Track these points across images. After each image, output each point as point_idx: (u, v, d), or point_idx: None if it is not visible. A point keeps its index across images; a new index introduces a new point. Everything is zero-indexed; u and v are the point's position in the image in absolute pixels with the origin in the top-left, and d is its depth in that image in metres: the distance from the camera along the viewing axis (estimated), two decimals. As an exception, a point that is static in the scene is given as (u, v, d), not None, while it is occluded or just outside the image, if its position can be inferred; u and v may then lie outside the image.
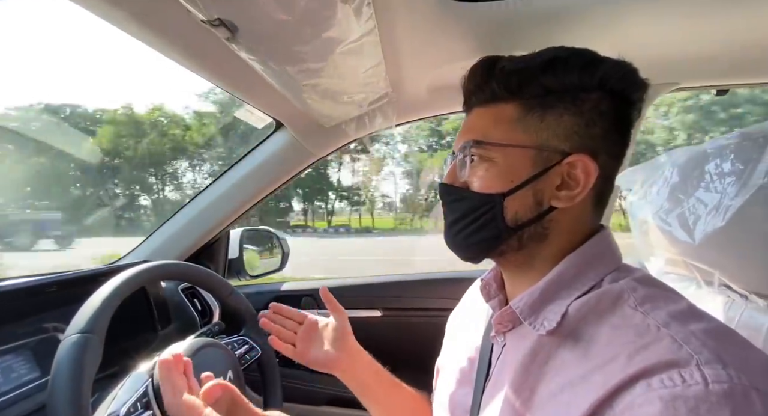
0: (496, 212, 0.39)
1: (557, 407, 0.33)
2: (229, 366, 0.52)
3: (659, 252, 0.58)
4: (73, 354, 0.38)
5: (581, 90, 0.38)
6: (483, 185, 0.40)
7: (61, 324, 0.67)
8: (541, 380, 0.35)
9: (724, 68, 0.75)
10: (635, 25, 0.60)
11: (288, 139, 0.89)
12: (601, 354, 0.32)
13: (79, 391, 0.37)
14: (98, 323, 0.42)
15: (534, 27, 0.60)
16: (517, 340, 0.41)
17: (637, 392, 0.28)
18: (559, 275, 0.39)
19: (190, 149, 20.43)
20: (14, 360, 0.60)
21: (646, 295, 0.35)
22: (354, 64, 0.57)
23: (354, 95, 0.70)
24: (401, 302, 1.04)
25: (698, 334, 0.30)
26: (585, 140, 0.39)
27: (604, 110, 0.39)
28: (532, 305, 0.39)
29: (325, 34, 0.44)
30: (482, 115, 0.42)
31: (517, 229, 0.39)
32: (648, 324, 0.32)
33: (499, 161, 0.39)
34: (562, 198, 0.39)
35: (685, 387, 0.27)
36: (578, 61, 0.39)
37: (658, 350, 0.30)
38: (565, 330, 0.36)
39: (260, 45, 0.45)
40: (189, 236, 0.95)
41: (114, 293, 0.45)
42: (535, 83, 0.39)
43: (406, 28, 0.57)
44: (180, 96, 41.40)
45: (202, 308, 0.92)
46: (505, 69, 0.40)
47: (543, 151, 0.39)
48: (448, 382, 0.52)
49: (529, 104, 0.39)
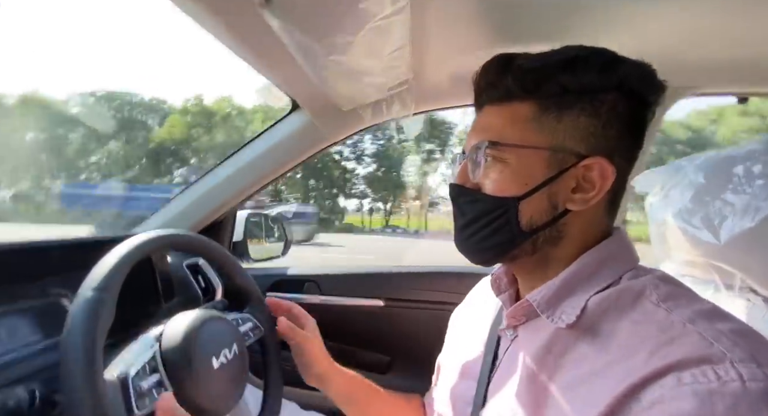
0: (511, 217, 0.38)
1: (575, 399, 0.32)
2: (235, 340, 0.52)
3: (676, 254, 0.57)
4: (87, 310, 0.38)
5: (599, 91, 0.38)
6: (497, 188, 0.39)
7: (64, 289, 0.66)
8: (557, 372, 0.35)
9: (746, 75, 0.74)
10: (658, 24, 0.59)
11: (303, 121, 0.88)
12: (622, 348, 0.32)
13: (92, 346, 0.36)
14: (112, 282, 0.41)
15: (564, 22, 0.59)
16: (531, 333, 0.40)
17: (668, 386, 0.28)
18: (577, 270, 0.38)
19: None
20: (18, 321, 0.59)
21: (669, 293, 0.34)
22: (381, 43, 0.56)
23: (375, 78, 0.69)
24: (404, 294, 1.04)
25: (727, 333, 0.29)
26: (601, 142, 0.38)
27: (621, 112, 0.38)
28: (550, 299, 0.38)
29: (360, 5, 0.43)
30: (496, 113, 0.41)
31: (531, 233, 0.39)
32: (672, 321, 0.31)
33: (513, 163, 0.39)
34: (577, 201, 0.38)
35: (721, 384, 0.26)
36: (598, 61, 0.38)
37: (686, 345, 0.29)
38: (584, 324, 0.35)
39: (293, 13, 0.44)
40: (198, 211, 0.95)
41: (128, 255, 0.44)
42: (552, 82, 0.38)
43: (437, 9, 0.56)
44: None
45: (206, 285, 0.91)
46: (523, 67, 0.39)
47: (558, 153, 0.38)
48: (450, 376, 0.52)
49: (545, 103, 0.38)
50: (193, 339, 0.45)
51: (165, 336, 0.45)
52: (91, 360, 0.36)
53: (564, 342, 0.36)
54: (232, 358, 0.49)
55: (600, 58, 0.38)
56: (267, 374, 0.63)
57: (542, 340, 0.37)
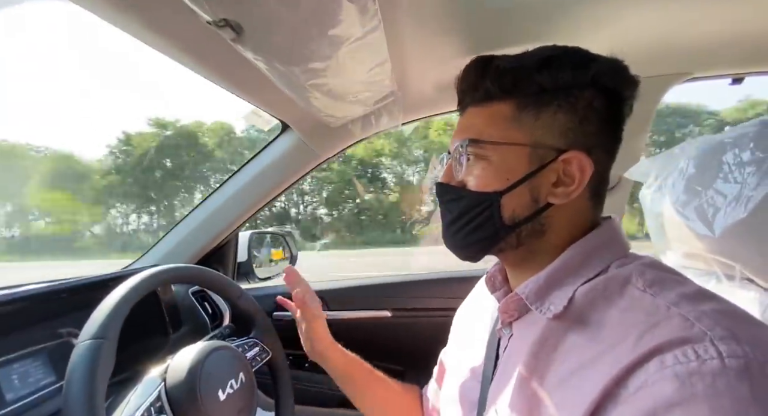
0: (493, 211, 0.40)
1: (568, 391, 0.32)
2: (241, 369, 0.52)
3: (676, 246, 0.56)
4: (86, 360, 0.38)
5: (575, 87, 0.39)
6: (479, 184, 0.41)
7: (74, 329, 0.67)
8: (551, 366, 0.35)
9: (738, 56, 0.73)
10: (644, 15, 0.59)
11: (294, 140, 0.89)
12: (610, 337, 0.32)
13: (93, 396, 0.37)
14: (110, 327, 0.42)
15: (541, 20, 0.59)
16: (525, 328, 0.40)
17: (651, 370, 0.28)
18: (565, 262, 0.39)
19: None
20: (30, 366, 0.60)
21: (654, 278, 0.34)
22: (359, 62, 0.57)
23: (359, 94, 0.70)
24: (411, 302, 1.03)
25: (710, 313, 0.30)
26: (579, 137, 0.39)
27: (597, 107, 0.39)
28: (538, 291, 0.39)
29: (331, 32, 0.44)
30: (477, 114, 0.42)
31: (514, 227, 0.40)
32: (657, 305, 0.31)
33: (494, 160, 0.40)
34: (559, 195, 0.39)
35: (700, 362, 0.27)
36: (571, 60, 0.39)
37: (669, 328, 0.29)
38: (572, 315, 0.36)
39: (266, 45, 0.45)
40: (198, 240, 0.96)
41: (125, 298, 0.45)
42: (529, 82, 0.39)
43: (411, 25, 0.56)
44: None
45: (212, 311, 0.92)
46: (500, 68, 0.41)
47: (538, 148, 0.39)
48: (455, 377, 0.52)
49: (523, 102, 0.40)
50: (197, 375, 0.45)
51: (169, 374, 0.46)
52: (92, 409, 0.36)
53: (556, 335, 0.36)
54: (238, 387, 0.50)
55: (573, 56, 0.40)
56: (277, 395, 0.64)
57: (535, 335, 0.38)
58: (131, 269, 0.90)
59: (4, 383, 0.55)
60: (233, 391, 0.49)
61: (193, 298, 0.90)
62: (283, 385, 0.63)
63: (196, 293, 0.92)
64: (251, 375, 0.54)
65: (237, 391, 0.49)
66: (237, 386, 0.50)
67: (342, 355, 0.65)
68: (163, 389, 0.44)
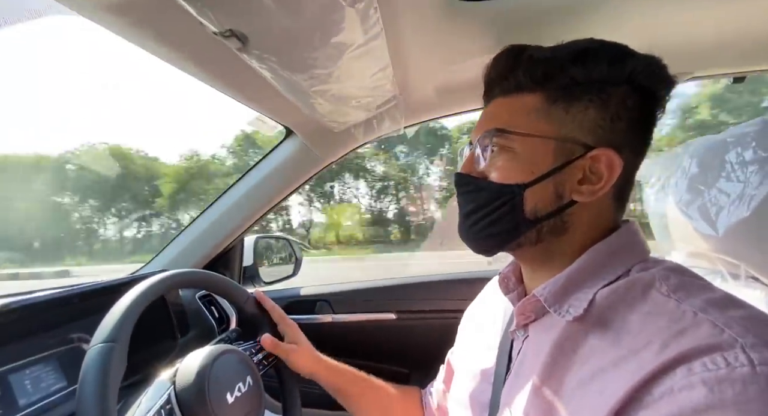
0: (516, 204, 0.38)
1: (588, 394, 0.32)
2: (248, 372, 0.53)
3: (680, 246, 0.56)
4: (98, 363, 0.39)
5: (609, 83, 0.38)
6: (502, 176, 0.39)
7: (85, 334, 0.68)
8: (570, 369, 0.34)
9: (739, 55, 0.73)
10: (644, 17, 0.59)
11: (298, 145, 0.90)
12: (633, 341, 0.31)
13: (105, 399, 0.37)
14: (121, 331, 0.42)
15: (542, 23, 0.59)
16: (542, 331, 0.40)
17: (678, 377, 0.27)
18: (585, 264, 0.38)
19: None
20: (42, 371, 0.61)
21: (679, 283, 0.33)
22: (361, 68, 0.58)
23: (362, 99, 0.71)
24: (416, 305, 1.04)
25: (739, 320, 0.29)
26: (609, 135, 0.38)
27: (630, 105, 0.38)
28: (557, 293, 0.38)
29: (334, 40, 0.45)
30: (504, 104, 0.41)
31: (536, 222, 0.39)
32: (683, 311, 0.31)
33: (520, 152, 0.39)
34: (584, 192, 0.38)
35: (730, 369, 0.26)
36: (608, 54, 0.38)
37: (697, 334, 0.28)
38: (592, 318, 0.35)
39: (271, 54, 0.46)
40: (204, 245, 0.97)
41: (135, 302, 0.46)
42: (562, 74, 0.38)
43: (412, 30, 0.57)
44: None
45: (219, 315, 0.93)
46: (533, 58, 0.39)
47: (566, 143, 0.38)
48: (465, 379, 0.51)
49: (554, 95, 0.38)
50: (206, 378, 0.46)
51: (178, 377, 0.47)
52: (105, 412, 0.37)
53: (574, 338, 0.35)
54: (246, 390, 0.50)
55: (610, 51, 0.38)
56: (285, 399, 0.64)
57: (553, 338, 0.37)
58: (140, 275, 0.91)
59: (17, 388, 0.56)
60: (241, 394, 0.49)
61: (200, 302, 0.91)
62: (289, 389, 0.63)
63: (203, 298, 0.92)
64: (258, 379, 0.54)
65: (245, 394, 0.50)
66: (245, 389, 0.50)
67: (330, 373, 0.64)
68: (173, 392, 0.45)
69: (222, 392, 0.47)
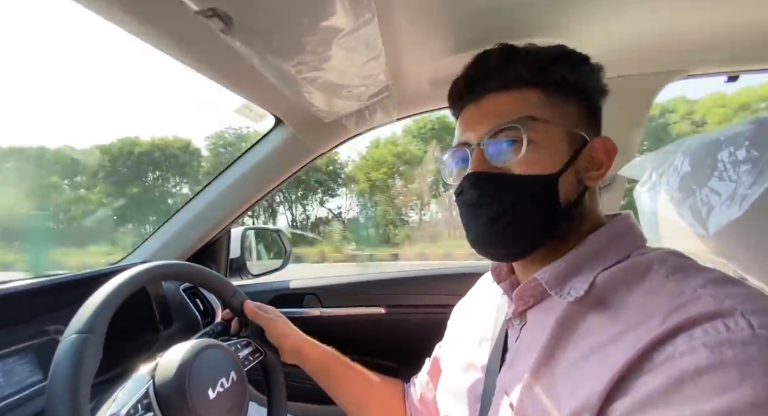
0: (552, 194, 0.38)
1: (588, 368, 0.32)
2: (232, 367, 0.51)
3: (670, 244, 0.56)
4: (70, 355, 0.37)
5: (584, 82, 0.42)
6: (533, 167, 0.39)
7: (61, 326, 0.66)
8: (570, 345, 0.35)
9: (734, 54, 0.73)
10: (640, 13, 0.58)
11: (287, 135, 0.87)
12: (633, 317, 0.32)
13: (76, 391, 0.36)
14: (97, 323, 0.41)
15: (536, 16, 0.58)
16: (541, 314, 0.40)
17: (679, 343, 0.28)
18: (585, 249, 0.39)
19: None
20: (16, 363, 0.59)
21: (677, 265, 0.34)
22: (353, 55, 0.56)
23: (353, 89, 0.69)
24: (405, 299, 1.03)
25: (738, 294, 0.29)
26: (592, 126, 0.42)
27: (594, 100, 0.43)
28: (558, 277, 0.38)
29: (323, 24, 0.43)
30: (504, 100, 0.41)
31: (569, 210, 0.40)
32: (683, 289, 0.31)
33: (542, 142, 0.39)
34: (594, 178, 0.41)
35: (730, 333, 0.26)
36: (580, 58, 0.43)
37: (696, 305, 0.29)
38: (592, 298, 0.36)
39: (256, 37, 0.44)
40: (189, 236, 0.94)
41: (113, 293, 0.44)
42: (555, 71, 0.40)
43: (406, 19, 0.55)
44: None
45: (204, 308, 0.91)
46: (531, 54, 0.41)
47: (572, 133, 0.40)
48: (455, 372, 0.52)
49: (547, 90, 0.41)
50: (186, 373, 0.45)
51: (158, 371, 0.45)
52: (76, 405, 0.35)
53: (575, 317, 0.36)
54: (229, 386, 0.49)
55: (580, 55, 0.43)
56: (270, 396, 0.63)
57: (553, 319, 0.37)
58: (119, 266, 0.89)
59: (-12, 381, 0.54)
60: (223, 390, 0.48)
61: (185, 295, 0.89)
62: (276, 385, 0.62)
63: (187, 290, 0.90)
64: (243, 374, 0.53)
65: (227, 390, 0.48)
66: (228, 384, 0.49)
67: (316, 348, 0.64)
68: (152, 386, 0.44)
69: (203, 387, 0.46)
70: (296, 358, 0.63)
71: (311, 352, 0.64)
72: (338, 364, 0.65)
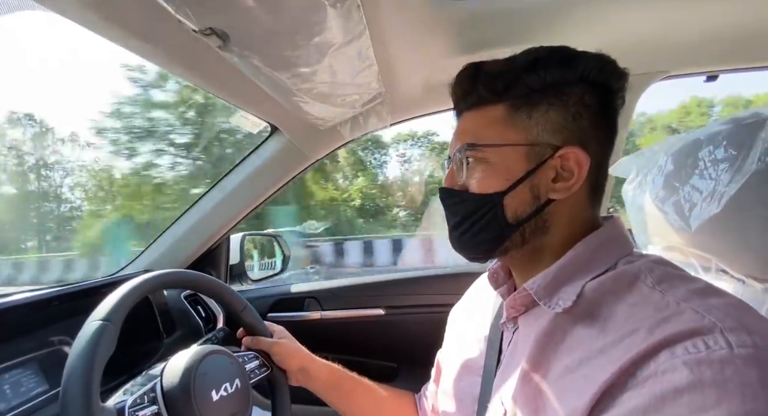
0: (497, 211, 0.41)
1: (574, 380, 0.33)
2: (237, 375, 0.52)
3: (656, 240, 0.58)
4: (90, 336, 0.42)
5: (564, 85, 0.40)
6: (481, 186, 0.41)
7: (66, 337, 0.67)
8: (557, 356, 0.36)
9: (713, 54, 0.75)
10: (621, 16, 0.60)
11: (284, 142, 0.89)
12: (619, 329, 0.33)
13: (91, 371, 0.40)
14: (117, 313, 0.45)
15: (522, 23, 0.60)
16: (531, 322, 0.41)
17: (661, 360, 0.29)
18: (573, 258, 0.40)
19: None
20: (22, 374, 0.60)
21: (663, 275, 0.35)
22: (346, 66, 0.57)
23: (347, 97, 0.71)
24: (404, 300, 1.05)
25: (719, 306, 0.31)
26: (574, 133, 0.40)
27: (589, 102, 0.40)
28: (547, 287, 0.39)
29: (316, 39, 0.45)
30: (472, 118, 0.44)
31: (518, 225, 0.41)
32: (668, 301, 0.32)
33: (493, 161, 0.41)
34: (559, 190, 0.40)
35: (709, 352, 0.27)
36: (558, 58, 0.41)
37: (679, 321, 0.30)
38: (581, 309, 0.37)
39: (252, 52, 0.45)
40: (189, 243, 0.96)
41: (135, 288, 0.48)
42: (519, 84, 0.40)
43: (396, 29, 0.57)
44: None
45: (206, 314, 0.92)
46: (491, 73, 0.42)
47: (535, 147, 0.40)
48: (453, 373, 0.52)
49: (515, 103, 0.41)
50: (192, 374, 0.46)
51: (166, 372, 0.47)
52: (88, 382, 0.39)
53: (563, 328, 0.37)
54: (233, 392, 0.50)
55: (559, 55, 0.41)
56: (275, 411, 0.62)
57: (541, 328, 0.38)
58: (120, 276, 0.90)
59: (-4, 393, 0.55)
60: (227, 394, 0.49)
61: (186, 302, 0.90)
62: (281, 402, 0.61)
63: (188, 297, 0.91)
64: (247, 384, 0.54)
65: (231, 395, 0.50)
66: (231, 390, 0.50)
67: (324, 366, 0.64)
68: (159, 382, 0.46)
69: (207, 388, 0.47)
70: (304, 379, 0.62)
71: (319, 373, 0.63)
72: (347, 382, 0.64)
